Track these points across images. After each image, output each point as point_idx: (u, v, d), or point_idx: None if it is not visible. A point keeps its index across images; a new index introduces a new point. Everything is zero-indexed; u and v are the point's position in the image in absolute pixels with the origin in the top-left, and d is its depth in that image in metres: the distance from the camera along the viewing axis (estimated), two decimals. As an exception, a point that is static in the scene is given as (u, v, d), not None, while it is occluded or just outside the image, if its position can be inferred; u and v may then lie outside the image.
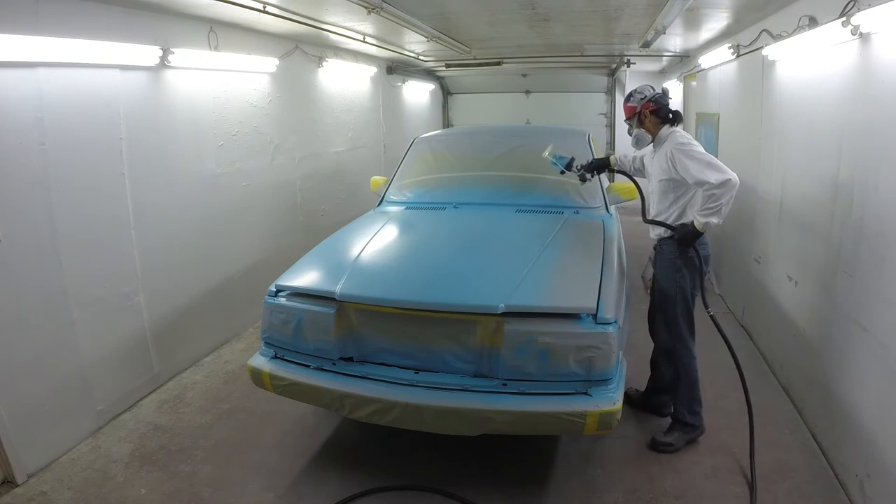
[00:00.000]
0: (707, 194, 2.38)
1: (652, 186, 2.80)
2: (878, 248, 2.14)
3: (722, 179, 2.33)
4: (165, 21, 3.23)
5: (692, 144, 2.52)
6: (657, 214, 2.73)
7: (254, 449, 2.77)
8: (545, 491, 2.43)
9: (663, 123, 2.66)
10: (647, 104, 2.66)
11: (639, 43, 5.14)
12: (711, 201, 2.37)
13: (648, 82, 2.86)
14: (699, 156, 2.45)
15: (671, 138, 2.59)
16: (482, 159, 3.81)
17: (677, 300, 2.63)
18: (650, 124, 2.68)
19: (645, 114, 2.67)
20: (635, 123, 2.72)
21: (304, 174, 4.96)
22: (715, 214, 2.38)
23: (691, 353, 2.66)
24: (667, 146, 2.58)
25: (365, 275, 2.55)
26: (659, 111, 2.65)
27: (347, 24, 4.28)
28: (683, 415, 2.67)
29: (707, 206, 2.39)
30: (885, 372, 2.06)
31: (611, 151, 8.55)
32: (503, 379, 2.21)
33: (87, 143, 2.83)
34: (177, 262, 3.50)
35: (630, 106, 2.72)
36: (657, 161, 2.67)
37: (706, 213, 2.40)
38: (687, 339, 2.65)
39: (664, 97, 2.69)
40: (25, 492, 2.46)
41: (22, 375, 2.52)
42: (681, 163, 2.47)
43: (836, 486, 2.37)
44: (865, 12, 2.12)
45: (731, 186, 2.34)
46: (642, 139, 2.73)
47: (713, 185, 2.34)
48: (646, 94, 2.68)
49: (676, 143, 2.53)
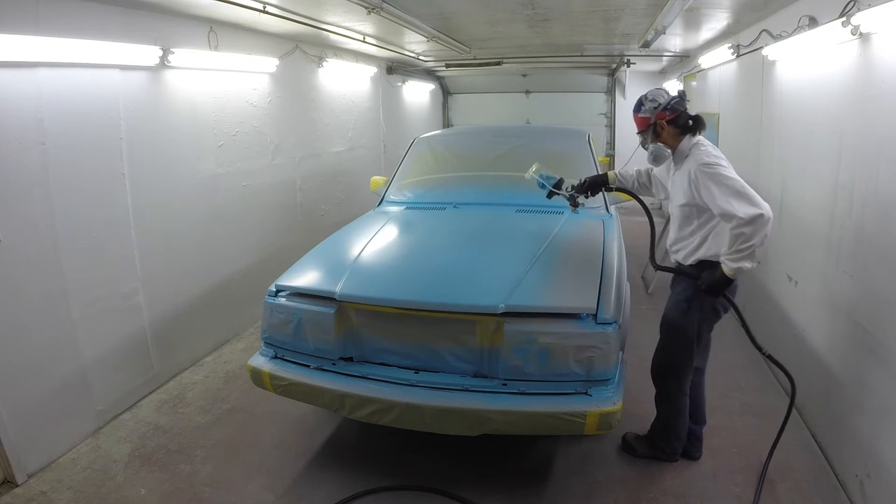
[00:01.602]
0: (735, 233, 2.00)
1: (671, 209, 2.45)
2: (879, 249, 2.14)
3: (752, 214, 1.95)
4: (165, 21, 3.23)
5: (720, 165, 2.12)
6: (675, 242, 2.39)
7: (254, 449, 2.77)
8: (545, 491, 2.43)
9: (683, 133, 2.27)
10: (663, 113, 2.26)
11: (639, 43, 5.14)
12: (741, 242, 1.99)
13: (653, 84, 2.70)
14: (728, 181, 2.05)
15: (695, 154, 2.21)
16: (482, 159, 3.81)
17: (683, 341, 2.34)
18: (668, 136, 2.29)
19: (661, 125, 2.27)
20: (650, 137, 2.31)
21: (304, 174, 4.96)
22: (747, 258, 2.01)
23: (682, 391, 2.43)
24: (689, 164, 2.21)
25: (365, 275, 2.55)
26: (677, 120, 2.26)
27: (347, 24, 4.28)
28: (658, 438, 2.54)
29: (737, 249, 2.01)
30: (886, 372, 2.06)
31: (609, 155, 8.59)
32: (503, 379, 2.22)
33: (87, 143, 2.82)
34: (177, 262, 3.49)
35: (642, 117, 2.31)
36: (678, 181, 2.30)
37: (737, 256, 2.02)
38: (681, 376, 2.40)
39: (681, 101, 2.29)
40: (25, 492, 2.46)
41: (22, 375, 2.52)
42: (705, 187, 2.10)
43: (836, 486, 2.37)
44: (865, 12, 2.12)
45: (763, 223, 1.95)
46: (660, 155, 2.31)
47: (742, 222, 1.96)
48: (660, 102, 2.27)
49: (701, 162, 2.14)
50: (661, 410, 2.52)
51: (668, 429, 2.49)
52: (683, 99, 2.31)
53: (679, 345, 2.37)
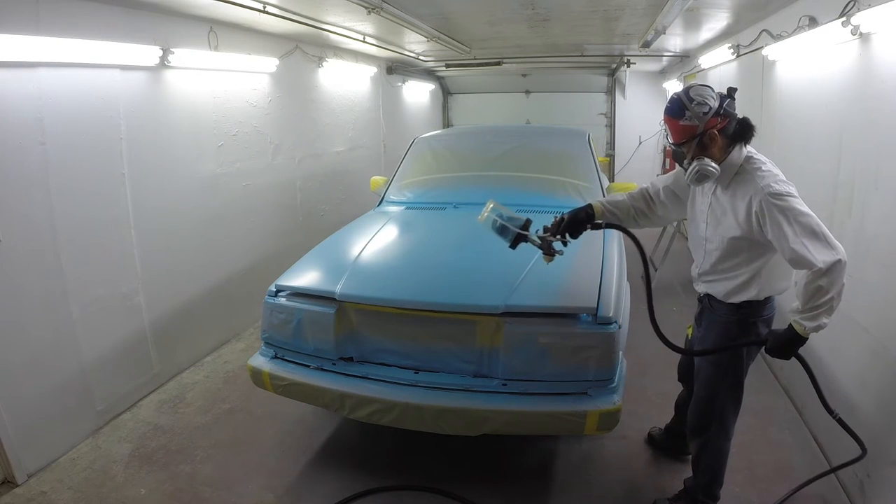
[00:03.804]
0: (812, 288, 1.60)
1: (706, 234, 1.95)
2: (878, 249, 2.14)
3: (831, 262, 1.57)
4: (165, 21, 3.23)
5: (791, 195, 1.67)
6: (709, 274, 1.95)
7: (254, 449, 2.77)
8: (545, 491, 2.43)
9: (733, 143, 1.79)
10: (715, 120, 1.75)
11: (639, 43, 5.14)
12: (819, 296, 1.59)
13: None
14: (803, 218, 1.63)
15: (752, 173, 1.74)
16: (482, 159, 3.81)
17: (732, 385, 2.01)
18: (717, 150, 1.78)
19: (712, 136, 1.75)
20: (693, 151, 1.79)
21: (304, 174, 4.96)
22: (826, 312, 1.62)
23: (728, 435, 2.08)
24: (747, 189, 1.75)
25: (365, 275, 2.55)
26: (729, 127, 1.77)
27: (347, 24, 4.28)
28: (697, 492, 2.17)
29: (814, 305, 1.61)
30: (886, 372, 2.06)
31: (609, 155, 8.58)
32: (503, 379, 2.22)
33: (86, 143, 2.82)
34: (177, 262, 3.49)
35: (686, 125, 1.77)
36: (727, 206, 1.84)
37: (814, 313, 1.62)
38: (728, 420, 2.06)
39: (733, 102, 1.80)
40: (25, 492, 2.46)
41: (22, 375, 2.52)
42: (774, 224, 1.66)
43: (836, 486, 2.37)
44: (865, 12, 2.12)
45: (840, 271, 1.59)
46: (706, 174, 1.76)
47: (821, 272, 1.57)
48: (710, 105, 1.74)
49: (769, 192, 1.67)
50: (702, 462, 2.14)
51: (714, 482, 2.14)
52: (733, 98, 1.82)
53: (728, 389, 2.02)
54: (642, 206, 2.17)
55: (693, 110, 1.76)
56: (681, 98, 1.79)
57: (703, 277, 2.03)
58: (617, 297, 2.31)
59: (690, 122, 1.77)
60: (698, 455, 2.15)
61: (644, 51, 5.45)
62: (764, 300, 1.90)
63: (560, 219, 2.05)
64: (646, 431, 2.76)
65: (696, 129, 1.76)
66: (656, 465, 2.55)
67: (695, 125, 1.76)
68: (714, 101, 1.76)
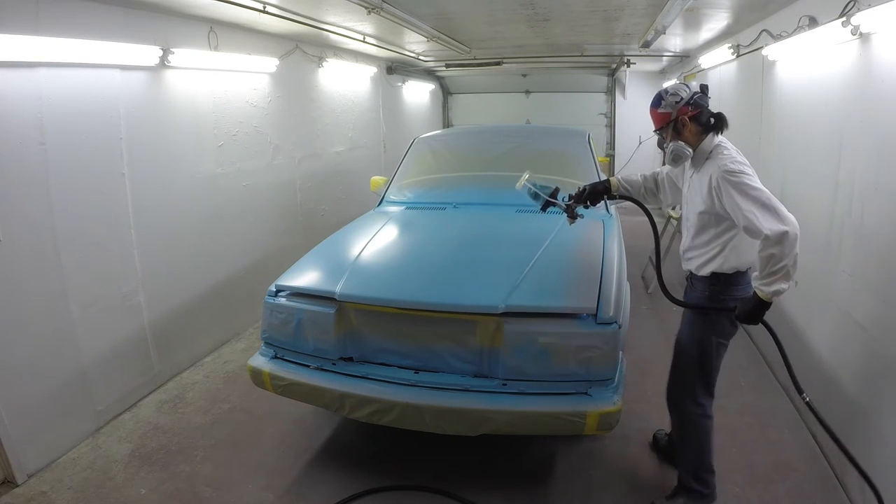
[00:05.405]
0: (765, 256, 1.81)
1: (686, 213, 2.26)
2: (878, 248, 2.14)
3: (779, 232, 1.76)
4: (165, 21, 3.23)
5: (744, 172, 1.93)
6: (688, 250, 2.22)
7: (254, 449, 2.77)
8: (545, 491, 2.43)
9: (705, 132, 2.10)
10: (686, 108, 2.08)
11: (639, 43, 5.15)
12: (772, 264, 1.80)
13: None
14: (753, 192, 1.87)
15: (717, 157, 2.03)
16: (482, 159, 3.81)
17: (693, 350, 2.17)
18: (690, 134, 2.10)
19: (683, 121, 2.09)
20: (670, 135, 2.13)
21: (304, 174, 4.96)
22: (782, 279, 1.81)
23: (704, 411, 2.20)
24: (710, 169, 2.03)
25: (365, 275, 2.55)
26: (700, 116, 2.08)
27: (347, 24, 4.28)
28: (688, 481, 2.26)
29: (769, 272, 1.81)
30: (886, 372, 2.06)
31: (609, 155, 8.58)
32: (503, 379, 2.21)
33: (87, 143, 2.82)
34: (177, 262, 3.49)
35: (662, 113, 2.13)
36: (696, 185, 2.13)
37: (770, 279, 1.82)
38: (699, 393, 2.19)
39: (704, 97, 2.12)
40: (25, 492, 2.46)
41: (22, 375, 2.52)
42: (728, 197, 1.92)
43: (836, 486, 2.37)
44: (865, 12, 2.12)
45: (791, 241, 1.76)
46: (681, 154, 2.10)
47: (769, 242, 1.78)
48: (682, 96, 2.09)
49: (724, 169, 1.95)
50: (685, 440, 2.27)
51: (700, 464, 2.23)
52: (706, 93, 2.13)
53: (693, 362, 2.18)
54: (652, 186, 2.48)
55: (667, 100, 2.12)
56: (660, 92, 2.18)
57: (686, 255, 2.27)
58: (617, 297, 2.31)
59: (665, 110, 2.12)
60: (679, 432, 2.31)
61: (644, 51, 5.45)
62: (733, 275, 2.09)
63: (582, 189, 2.41)
64: (646, 431, 2.75)
65: (669, 115, 2.11)
66: (656, 466, 2.55)
67: (668, 112, 2.11)
68: (686, 93, 2.11)
